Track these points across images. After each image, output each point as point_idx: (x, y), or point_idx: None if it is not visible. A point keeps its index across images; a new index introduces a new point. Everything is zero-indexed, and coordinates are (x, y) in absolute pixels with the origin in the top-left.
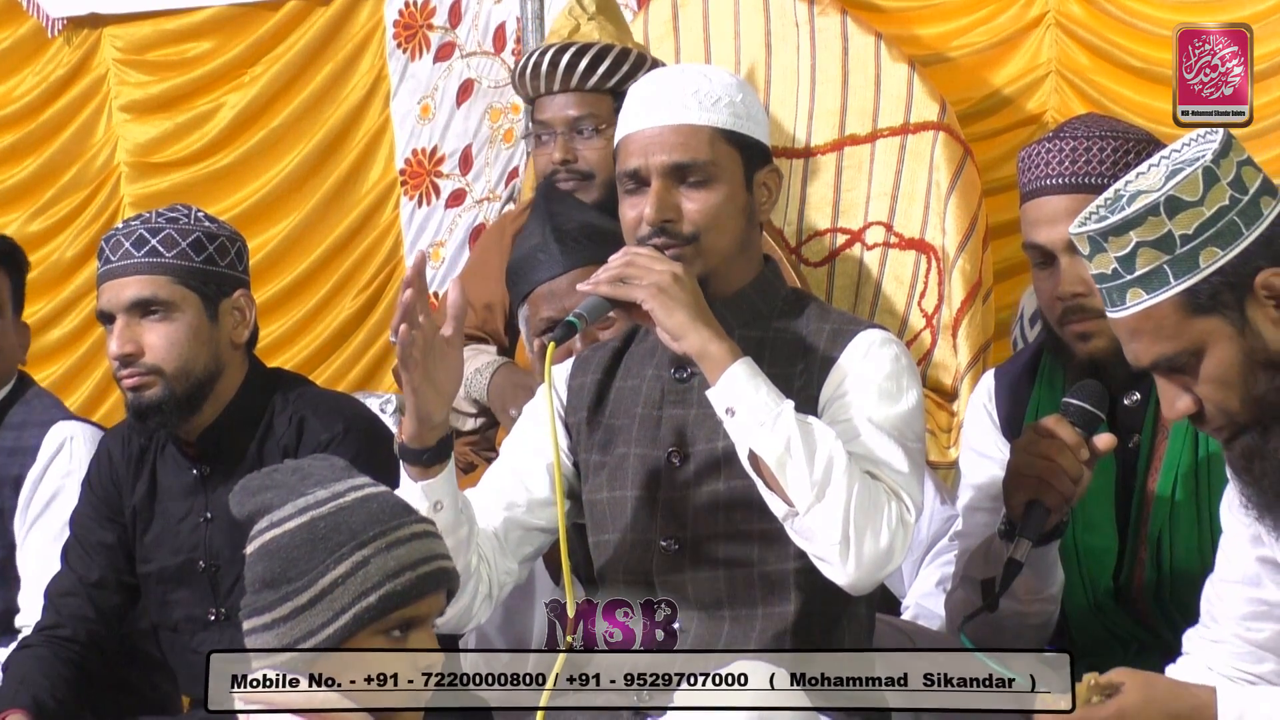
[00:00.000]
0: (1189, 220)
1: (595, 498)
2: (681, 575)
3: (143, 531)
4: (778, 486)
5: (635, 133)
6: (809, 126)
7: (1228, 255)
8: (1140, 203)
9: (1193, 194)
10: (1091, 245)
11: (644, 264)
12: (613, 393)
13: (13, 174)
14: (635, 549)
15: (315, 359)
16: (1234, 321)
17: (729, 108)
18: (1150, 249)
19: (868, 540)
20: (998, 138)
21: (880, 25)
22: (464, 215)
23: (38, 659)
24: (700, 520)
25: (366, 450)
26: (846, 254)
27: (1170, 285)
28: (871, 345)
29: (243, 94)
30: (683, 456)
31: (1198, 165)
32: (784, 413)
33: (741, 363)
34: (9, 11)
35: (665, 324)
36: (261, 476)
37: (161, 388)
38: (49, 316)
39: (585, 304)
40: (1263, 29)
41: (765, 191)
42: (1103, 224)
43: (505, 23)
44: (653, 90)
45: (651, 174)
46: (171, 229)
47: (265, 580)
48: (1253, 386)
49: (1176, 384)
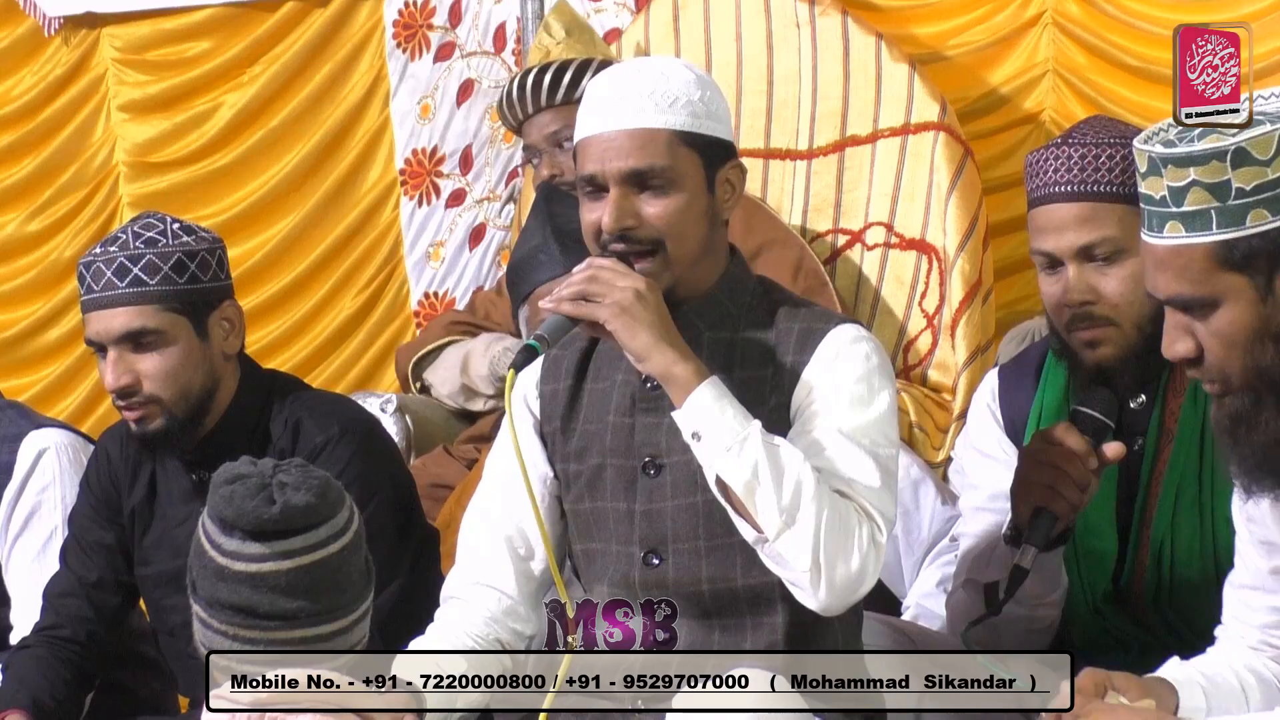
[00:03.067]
0: (1250, 176)
1: (577, 508)
2: (665, 589)
3: (142, 533)
4: (746, 513)
5: (592, 136)
6: (811, 128)
7: (1275, 222)
8: (1210, 141)
9: (1264, 153)
10: (1149, 165)
11: (607, 279)
12: (584, 395)
13: (11, 174)
14: (620, 561)
15: (315, 359)
16: (1259, 287)
17: (686, 107)
18: (1204, 190)
19: (839, 565)
20: (995, 136)
21: (877, 24)
22: (464, 215)
23: (37, 659)
24: (679, 534)
25: (363, 452)
26: (847, 255)
27: (1210, 232)
28: (841, 346)
29: (242, 94)
30: (657, 467)
31: (1277, 128)
32: (750, 436)
33: (707, 384)
34: (7, 11)
35: (628, 346)
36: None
37: (164, 417)
38: (47, 316)
39: (547, 324)
40: (1262, 28)
41: (728, 189)
42: (1168, 150)
43: (505, 22)
44: (608, 91)
45: (609, 181)
46: (151, 253)
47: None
48: (1258, 355)
49: (1184, 325)
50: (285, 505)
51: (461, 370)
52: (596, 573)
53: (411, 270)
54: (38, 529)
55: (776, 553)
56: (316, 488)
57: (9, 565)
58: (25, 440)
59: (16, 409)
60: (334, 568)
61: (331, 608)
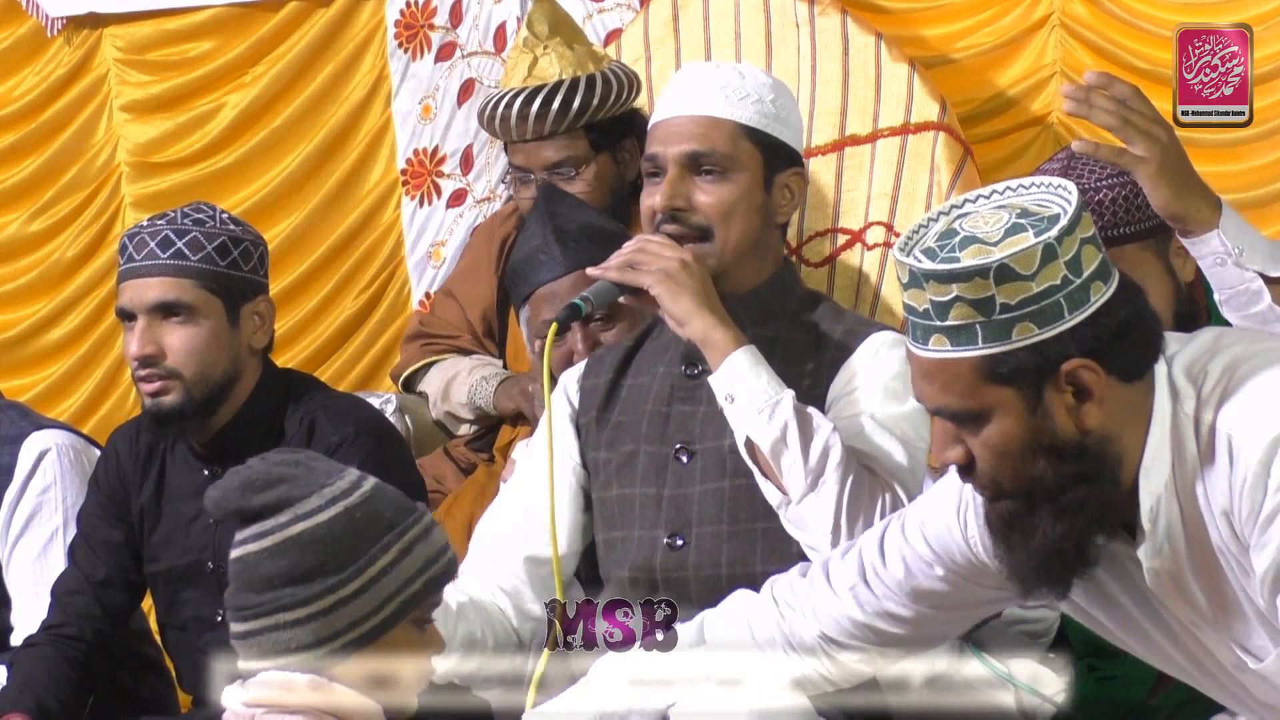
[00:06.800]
0: (1015, 292)
1: (605, 495)
2: (685, 572)
3: (150, 531)
4: (773, 474)
5: (661, 121)
6: (810, 127)
7: (1042, 335)
8: (971, 257)
9: (1027, 268)
10: (910, 277)
11: (654, 250)
12: (623, 391)
13: (13, 174)
14: (642, 545)
15: (316, 359)
16: (1028, 399)
17: (756, 105)
18: (967, 306)
19: (859, 531)
20: (1002, 139)
21: (884, 26)
22: (465, 215)
23: (43, 659)
24: (704, 517)
25: (376, 453)
26: (847, 255)
27: (976, 347)
28: (881, 346)
29: (244, 94)
30: (689, 453)
31: (1040, 241)
32: (783, 401)
33: (744, 350)
34: (9, 11)
35: (670, 309)
36: (262, 470)
37: (180, 393)
38: (49, 317)
39: (593, 288)
40: (1264, 31)
41: (786, 194)
42: (931, 265)
43: (505, 22)
44: (685, 82)
45: (668, 162)
46: (198, 231)
47: (294, 574)
48: (1030, 466)
49: (952, 433)
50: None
51: (443, 397)
52: (617, 560)
53: (413, 270)
54: (39, 530)
55: (800, 516)
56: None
57: (10, 566)
58: (26, 441)
59: (17, 410)
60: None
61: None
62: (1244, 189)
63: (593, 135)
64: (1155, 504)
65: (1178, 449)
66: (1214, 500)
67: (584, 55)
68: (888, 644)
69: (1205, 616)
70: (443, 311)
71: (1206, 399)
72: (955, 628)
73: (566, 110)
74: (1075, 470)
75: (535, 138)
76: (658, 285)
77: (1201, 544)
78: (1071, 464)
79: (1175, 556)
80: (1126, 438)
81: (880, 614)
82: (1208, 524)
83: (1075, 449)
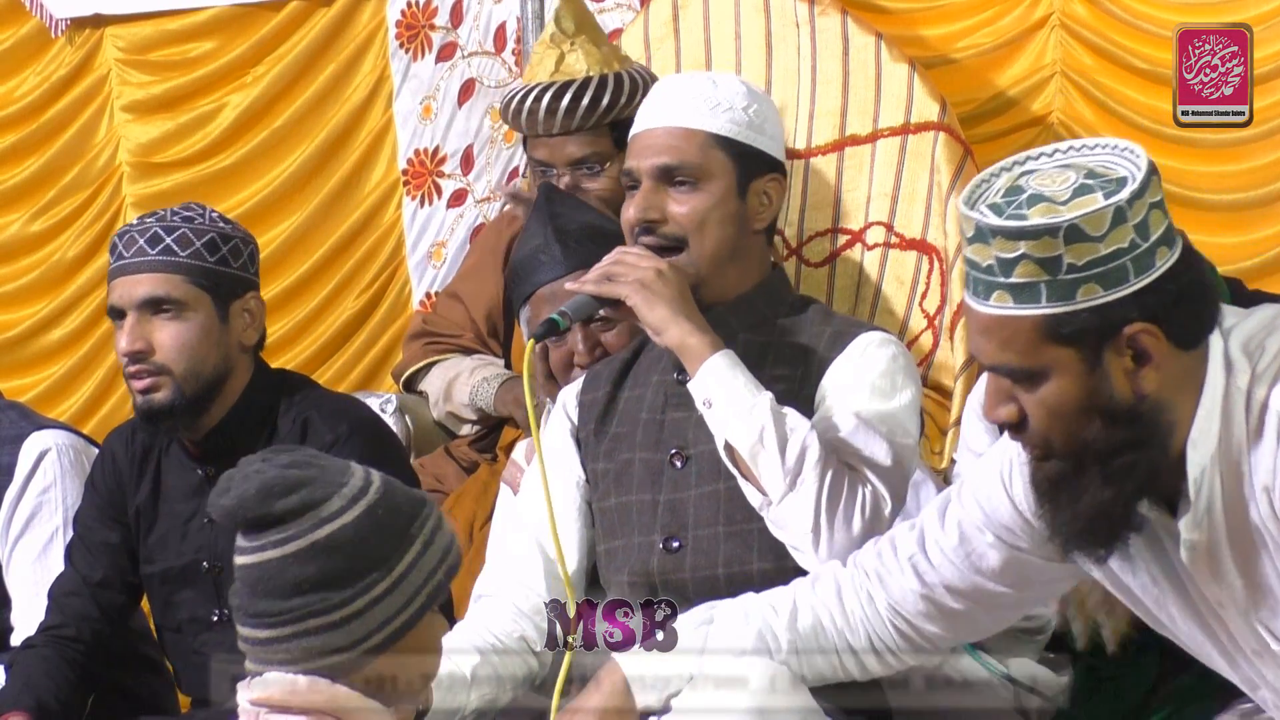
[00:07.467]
0: (1083, 253)
1: (604, 505)
2: (683, 574)
3: (146, 532)
4: (752, 476)
5: (637, 134)
6: (810, 127)
7: (1106, 297)
8: (1040, 215)
9: (1097, 229)
10: (976, 232)
11: (631, 261)
12: (620, 403)
13: (14, 174)
14: (640, 550)
15: (317, 359)
16: (1087, 360)
17: (728, 114)
18: (1034, 264)
19: (839, 530)
20: (1003, 139)
21: (884, 26)
22: (465, 215)
23: (42, 660)
24: (700, 519)
25: (371, 452)
26: (847, 254)
27: (1039, 305)
28: (869, 345)
29: (245, 94)
30: (684, 458)
31: (1111, 202)
32: (759, 403)
33: (721, 355)
34: (11, 11)
35: (646, 318)
36: (277, 474)
37: (170, 389)
38: (50, 317)
39: (571, 302)
40: (1264, 31)
41: (763, 200)
42: (998, 221)
43: (505, 22)
44: (660, 94)
45: (642, 175)
46: (186, 228)
47: (324, 579)
48: (1083, 428)
49: (1007, 390)
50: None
51: (444, 398)
52: (616, 567)
53: (413, 270)
54: (39, 530)
55: (780, 516)
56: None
57: (10, 566)
58: (26, 442)
59: (18, 410)
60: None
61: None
62: (1244, 189)
63: (616, 133)
64: (1200, 475)
65: (1226, 422)
66: (1257, 476)
67: (609, 54)
68: (948, 620)
69: (1235, 595)
70: (447, 310)
71: (1261, 374)
72: (1008, 610)
73: (595, 106)
74: (1128, 435)
75: (562, 132)
76: (634, 295)
77: (1241, 519)
78: (1124, 428)
79: (1214, 530)
80: (1179, 407)
81: (939, 585)
82: (1248, 499)
83: (1129, 413)
